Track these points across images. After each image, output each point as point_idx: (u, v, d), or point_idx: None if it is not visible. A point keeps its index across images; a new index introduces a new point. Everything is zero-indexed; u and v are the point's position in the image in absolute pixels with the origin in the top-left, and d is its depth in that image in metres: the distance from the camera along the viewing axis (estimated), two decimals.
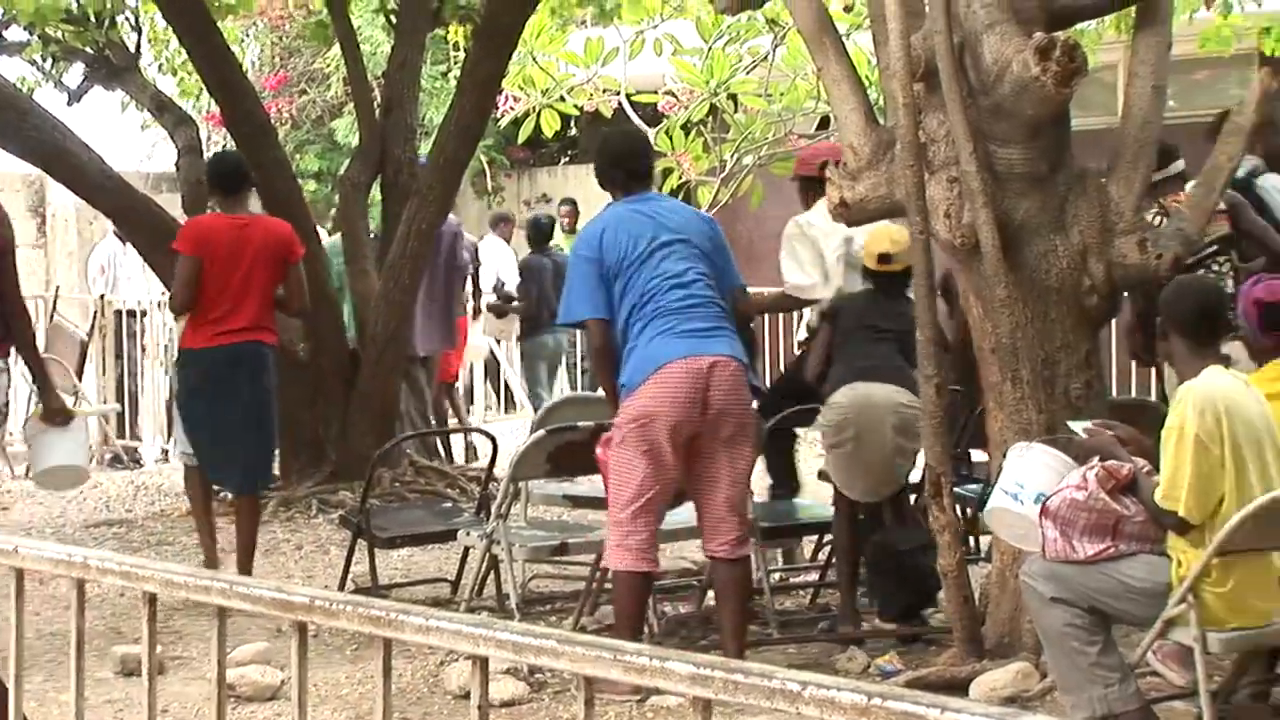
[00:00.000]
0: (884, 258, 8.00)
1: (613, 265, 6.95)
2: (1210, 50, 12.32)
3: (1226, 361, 5.98)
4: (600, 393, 8.05)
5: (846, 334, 8.08)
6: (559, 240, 17.46)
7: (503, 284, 15.68)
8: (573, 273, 7.13)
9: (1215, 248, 8.17)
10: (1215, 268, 8.17)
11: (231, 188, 9.00)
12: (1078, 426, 6.26)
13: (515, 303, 15.12)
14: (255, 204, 10.20)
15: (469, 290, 13.91)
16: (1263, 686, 6.36)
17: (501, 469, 8.37)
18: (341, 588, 8.42)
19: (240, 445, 8.85)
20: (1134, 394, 12.72)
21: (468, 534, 8.21)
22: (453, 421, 13.97)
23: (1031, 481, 6.11)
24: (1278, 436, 5.80)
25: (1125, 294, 7.58)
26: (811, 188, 8.93)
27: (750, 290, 8.13)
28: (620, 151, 7.43)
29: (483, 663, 3.17)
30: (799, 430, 9.24)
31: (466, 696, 6.33)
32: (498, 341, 16.31)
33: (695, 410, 6.84)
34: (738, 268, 7.39)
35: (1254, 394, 5.81)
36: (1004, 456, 6.57)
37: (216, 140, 19.11)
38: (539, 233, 14.79)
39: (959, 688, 6.58)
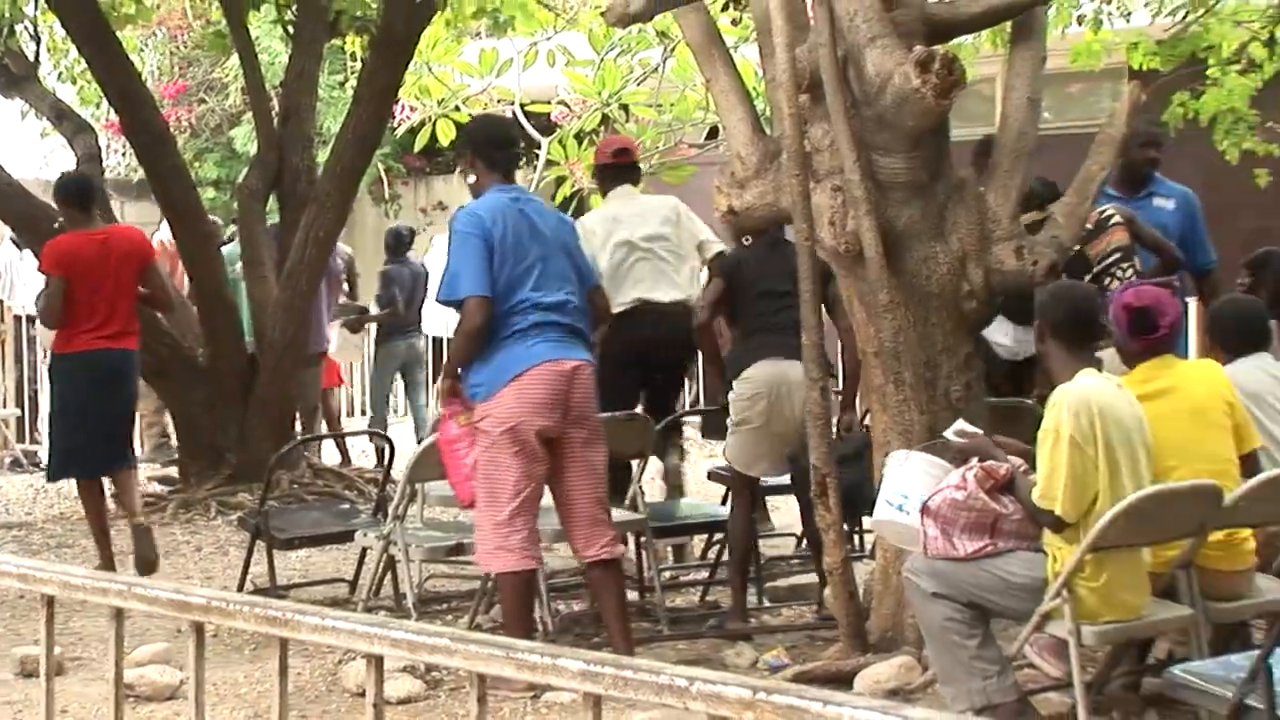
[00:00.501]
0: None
1: (498, 251, 6.82)
2: (1082, 65, 12.44)
3: (1099, 365, 6.04)
4: None
5: (748, 296, 8.21)
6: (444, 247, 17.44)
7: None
8: (461, 250, 6.85)
9: (1118, 255, 8.24)
10: (1119, 275, 8.23)
11: (84, 204, 9.29)
12: (950, 431, 6.31)
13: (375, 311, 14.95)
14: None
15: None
16: (1134, 677, 6.41)
17: (398, 471, 8.33)
18: (240, 588, 8.37)
19: (115, 435, 9.27)
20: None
21: (365, 535, 8.17)
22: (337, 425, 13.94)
23: (914, 490, 6.14)
24: (1149, 437, 5.87)
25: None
26: (605, 176, 9.35)
27: None
28: (502, 138, 7.33)
29: (378, 661, 3.16)
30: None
31: (364, 694, 6.30)
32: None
33: (558, 414, 6.84)
34: (593, 266, 7.40)
35: (1126, 396, 5.87)
36: (885, 457, 6.61)
37: (116, 148, 18.95)
38: (399, 242, 14.72)
39: (844, 681, 6.61)
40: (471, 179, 7.24)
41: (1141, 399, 5.96)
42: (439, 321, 14.52)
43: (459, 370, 6.98)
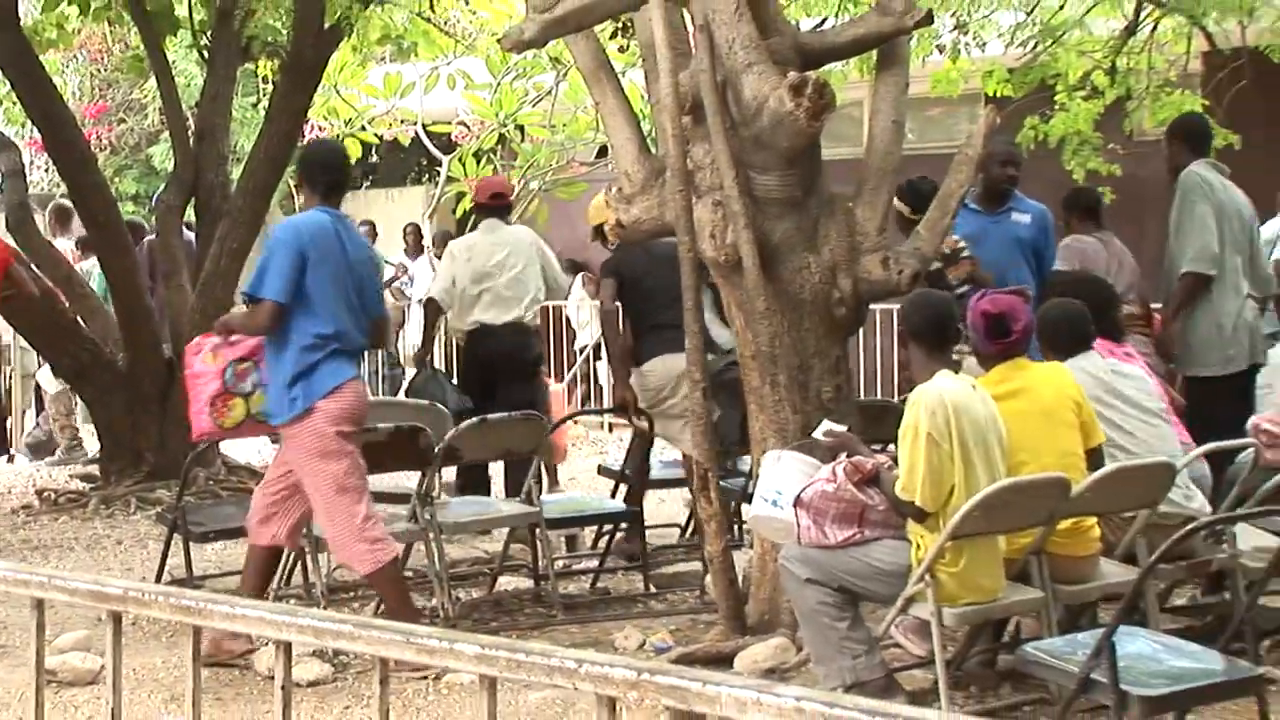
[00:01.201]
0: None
1: (310, 266, 6.82)
2: (942, 91, 12.55)
3: (957, 367, 6.09)
4: (398, 398, 8.23)
5: (641, 292, 8.56)
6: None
7: None
8: (277, 254, 6.83)
9: (970, 286, 8.24)
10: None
11: None
12: (819, 430, 6.34)
13: None
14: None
15: None
16: (990, 654, 6.47)
17: None
18: (158, 579, 8.27)
19: None
20: (879, 395, 12.96)
21: None
22: None
23: (788, 487, 6.17)
24: (1002, 432, 5.92)
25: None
26: (481, 209, 10.12)
27: None
28: (332, 162, 7.29)
29: (286, 647, 3.13)
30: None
31: (274, 678, 6.25)
32: None
33: (353, 423, 6.93)
34: (382, 296, 7.57)
35: (980, 395, 5.92)
36: (763, 454, 6.63)
37: (40, 165, 18.69)
38: None
39: (725, 661, 6.62)
40: (301, 198, 7.32)
41: (996, 399, 6.01)
42: None
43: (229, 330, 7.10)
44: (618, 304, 8.64)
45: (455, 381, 10.22)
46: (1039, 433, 6.09)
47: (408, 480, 8.37)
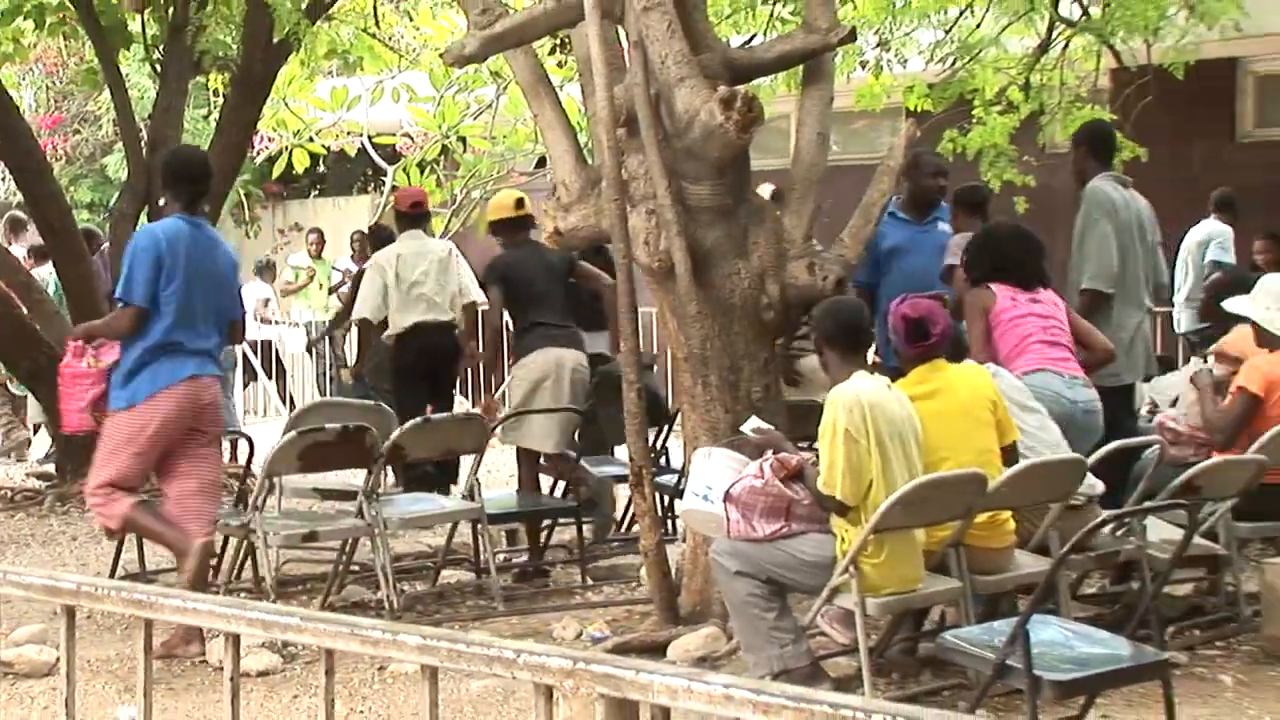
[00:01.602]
0: (519, 202, 9.23)
1: (165, 271, 6.91)
2: (865, 105, 12.60)
3: (871, 368, 6.11)
4: (336, 398, 8.32)
5: (525, 294, 8.90)
6: (308, 263, 17.31)
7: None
8: (138, 260, 6.95)
9: None
10: None
11: None
12: (747, 428, 6.36)
13: None
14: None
15: None
16: (912, 642, 6.50)
17: (257, 466, 8.21)
18: (113, 574, 8.19)
19: None
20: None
21: (227, 524, 8.02)
22: None
23: (717, 482, 6.20)
24: (919, 429, 5.95)
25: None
26: (402, 220, 10.31)
27: None
28: (196, 173, 7.27)
29: (235, 639, 3.11)
30: None
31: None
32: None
33: (189, 418, 6.98)
34: (241, 299, 7.57)
35: (896, 395, 5.95)
36: (694, 451, 6.63)
37: None
38: None
39: (659, 650, 6.62)
40: (162, 202, 7.51)
41: (916, 399, 6.04)
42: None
43: (91, 335, 7.24)
44: (505, 317, 8.94)
45: (388, 385, 10.39)
46: (957, 431, 6.12)
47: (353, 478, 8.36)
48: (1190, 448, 7.20)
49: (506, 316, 9.58)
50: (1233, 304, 7.59)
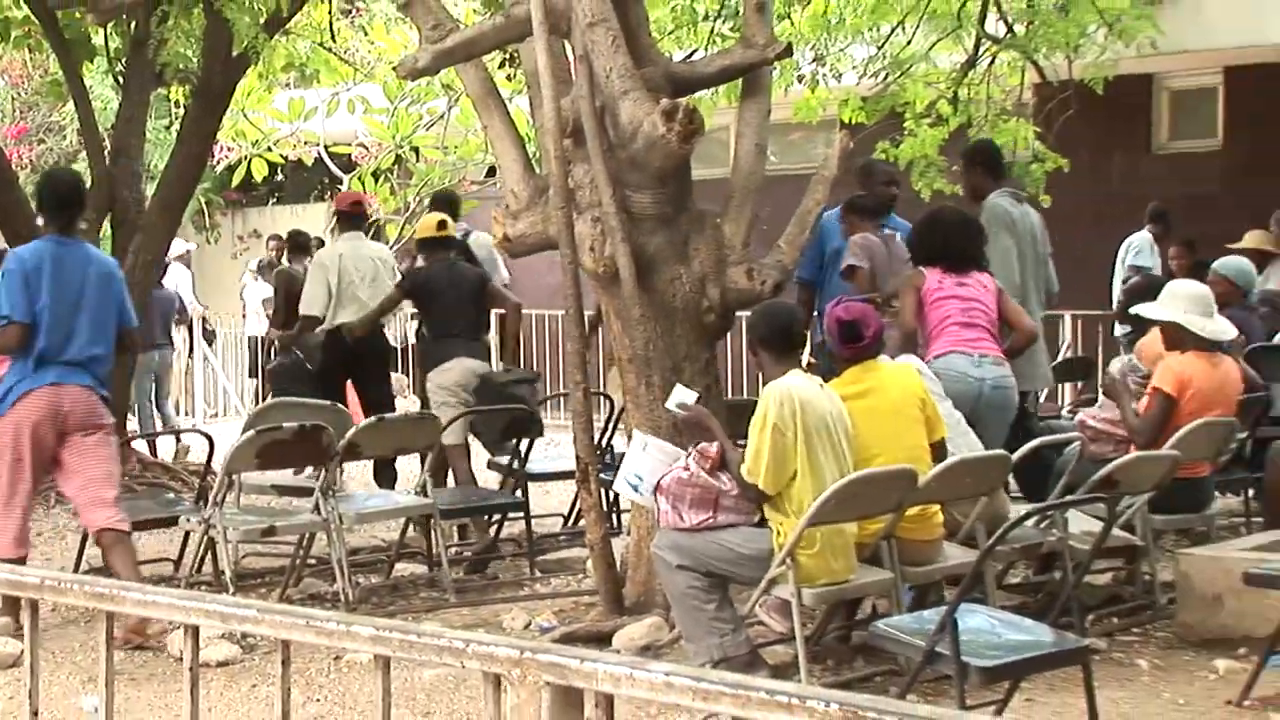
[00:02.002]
0: (441, 224, 9.48)
1: (32, 290, 6.95)
2: (801, 117, 12.64)
3: (802, 367, 6.12)
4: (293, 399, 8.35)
5: (441, 306, 9.22)
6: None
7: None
8: (8, 282, 7.00)
9: None
10: None
11: None
12: (672, 403, 6.36)
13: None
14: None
15: None
16: (845, 630, 6.52)
17: (217, 464, 8.16)
18: (76, 569, 8.10)
19: None
20: (745, 395, 13.01)
21: (188, 520, 7.99)
22: None
23: (648, 471, 6.25)
24: (849, 426, 5.98)
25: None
26: (342, 222, 10.51)
27: None
28: (66, 196, 7.26)
29: (194, 630, 3.08)
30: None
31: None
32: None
33: (50, 423, 6.99)
34: (130, 309, 7.44)
35: (826, 393, 5.97)
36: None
37: None
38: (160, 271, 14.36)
39: (605, 639, 6.62)
40: (40, 222, 7.53)
41: (850, 398, 6.07)
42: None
43: None
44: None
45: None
46: (888, 429, 6.14)
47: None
48: (1109, 444, 7.25)
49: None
50: (1141, 309, 7.66)
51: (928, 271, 7.37)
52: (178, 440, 12.75)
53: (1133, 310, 7.88)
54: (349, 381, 10.03)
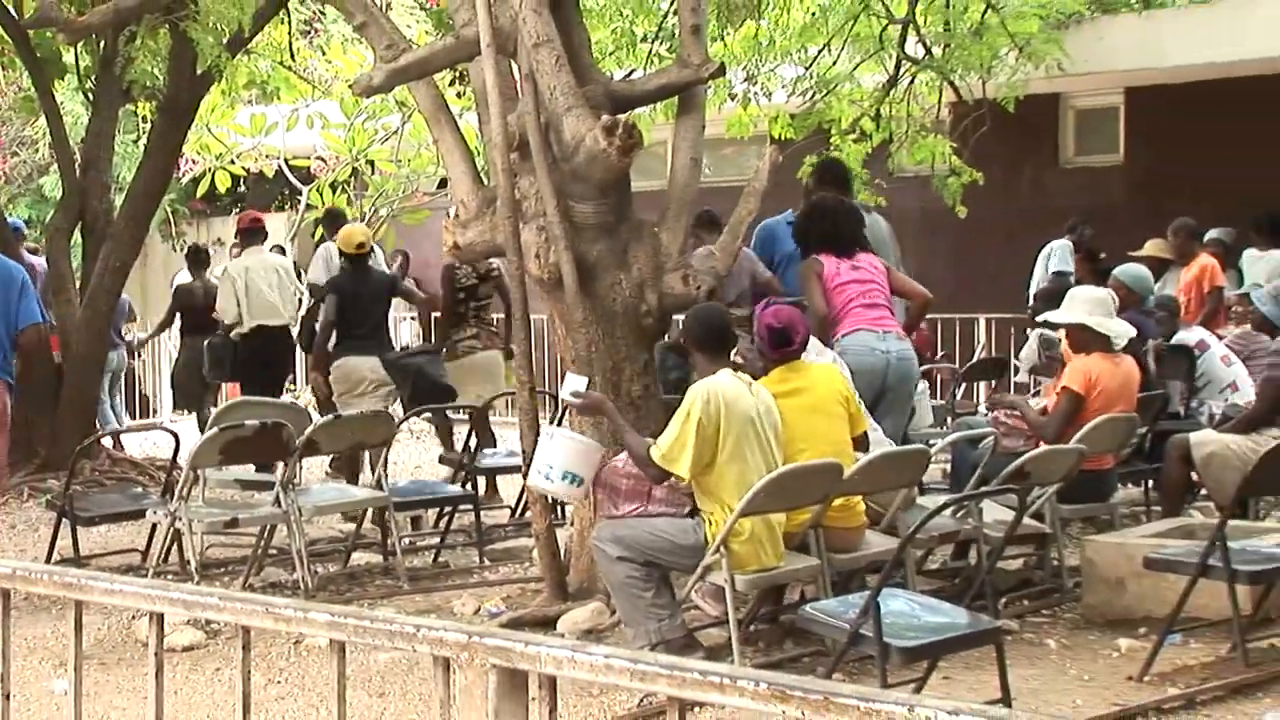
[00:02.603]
0: (360, 245, 10.01)
1: None
2: (734, 132, 12.68)
3: (734, 366, 6.11)
4: (265, 398, 8.28)
5: (350, 309, 9.75)
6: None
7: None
8: None
9: None
10: None
11: None
12: (565, 393, 6.41)
13: None
14: None
15: None
16: (776, 614, 6.53)
17: (183, 460, 8.09)
18: (48, 560, 8.02)
19: None
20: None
21: (155, 512, 7.92)
22: None
23: (558, 462, 6.27)
24: (777, 422, 5.99)
25: None
26: (244, 237, 11.66)
27: None
28: None
29: (159, 617, 3.05)
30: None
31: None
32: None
33: None
34: (34, 310, 7.67)
35: (755, 391, 5.96)
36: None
37: None
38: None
39: (550, 624, 6.60)
40: None
41: (779, 396, 6.07)
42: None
43: None
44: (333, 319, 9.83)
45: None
46: (814, 425, 6.16)
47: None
48: (1020, 439, 7.30)
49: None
50: (1047, 315, 7.74)
51: (824, 259, 7.47)
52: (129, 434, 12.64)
53: (1039, 317, 7.97)
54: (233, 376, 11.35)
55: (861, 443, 6.34)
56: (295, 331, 11.53)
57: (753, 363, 6.52)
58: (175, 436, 8.66)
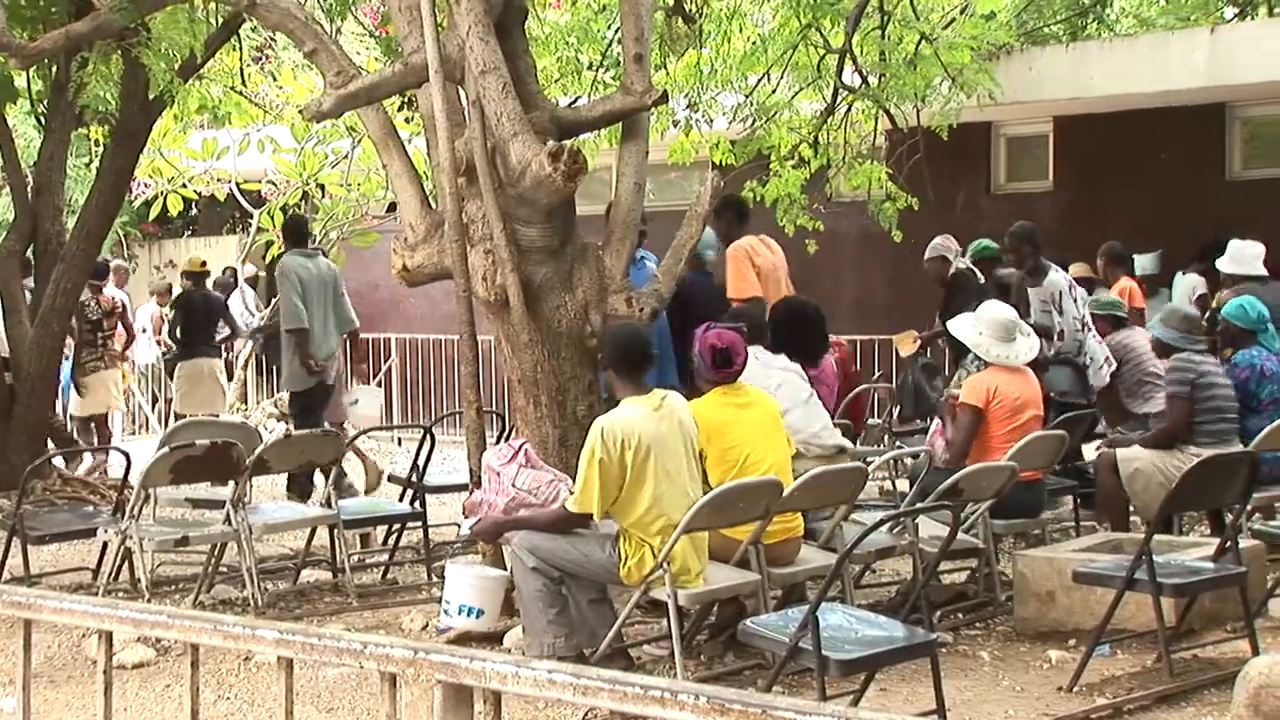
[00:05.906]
0: (203, 264, 13.09)
1: None
2: (677, 158, 12.69)
3: (648, 390, 6.03)
4: (207, 416, 8.18)
5: (196, 320, 12.75)
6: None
7: None
8: None
9: None
10: None
11: None
12: (464, 531, 6.81)
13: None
14: None
15: None
16: (717, 629, 6.52)
17: (135, 479, 8.00)
18: None
19: None
20: None
21: (106, 531, 7.83)
22: None
23: (455, 597, 6.64)
24: (692, 436, 5.98)
25: None
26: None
27: None
28: None
29: (108, 636, 3.01)
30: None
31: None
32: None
33: None
34: None
35: (664, 414, 5.87)
36: None
37: None
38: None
39: (497, 639, 6.57)
40: None
41: (735, 406, 6.09)
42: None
43: None
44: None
45: None
46: (762, 439, 6.17)
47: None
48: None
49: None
50: (950, 323, 7.75)
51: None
52: (93, 457, 12.46)
53: (946, 324, 8.04)
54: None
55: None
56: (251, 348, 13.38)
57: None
58: (126, 456, 8.57)
